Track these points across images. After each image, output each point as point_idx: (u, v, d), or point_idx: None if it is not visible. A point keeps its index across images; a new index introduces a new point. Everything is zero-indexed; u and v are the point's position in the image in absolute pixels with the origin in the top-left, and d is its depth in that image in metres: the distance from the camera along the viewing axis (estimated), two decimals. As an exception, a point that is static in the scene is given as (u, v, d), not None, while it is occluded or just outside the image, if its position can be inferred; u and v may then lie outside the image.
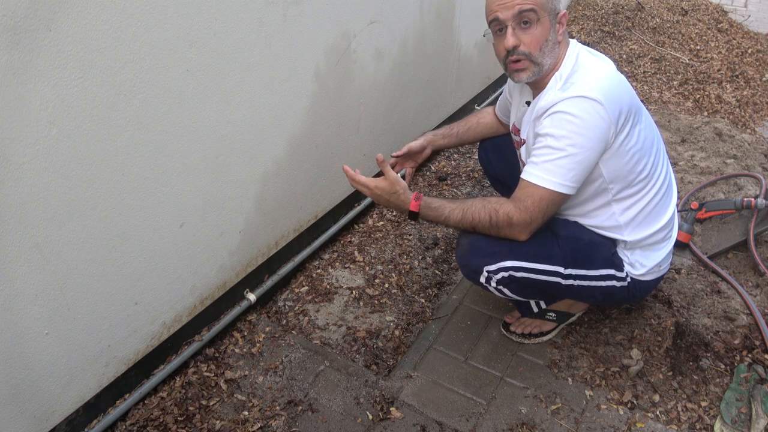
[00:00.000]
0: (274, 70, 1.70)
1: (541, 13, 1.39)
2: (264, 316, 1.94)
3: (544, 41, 1.41)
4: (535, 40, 1.41)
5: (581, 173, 1.40)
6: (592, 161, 1.40)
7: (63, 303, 1.34)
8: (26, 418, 1.35)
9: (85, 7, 1.16)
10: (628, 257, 1.59)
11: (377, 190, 1.55)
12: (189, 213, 1.60)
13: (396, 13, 2.22)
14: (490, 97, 3.36)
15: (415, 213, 1.53)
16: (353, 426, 1.57)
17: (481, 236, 1.53)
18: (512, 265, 1.52)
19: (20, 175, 1.16)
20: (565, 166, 1.38)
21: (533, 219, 1.44)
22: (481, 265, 1.54)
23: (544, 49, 1.42)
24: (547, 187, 1.40)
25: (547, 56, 1.43)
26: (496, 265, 1.52)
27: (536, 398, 1.65)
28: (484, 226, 1.49)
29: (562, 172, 1.38)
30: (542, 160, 1.40)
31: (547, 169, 1.39)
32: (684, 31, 4.12)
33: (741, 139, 2.89)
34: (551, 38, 1.42)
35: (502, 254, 1.52)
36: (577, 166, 1.38)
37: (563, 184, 1.39)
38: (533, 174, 1.41)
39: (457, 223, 1.53)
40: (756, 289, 2.01)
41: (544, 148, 1.40)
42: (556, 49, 1.45)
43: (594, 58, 1.47)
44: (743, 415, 1.57)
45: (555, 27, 1.43)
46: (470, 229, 1.53)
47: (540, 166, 1.40)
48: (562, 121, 1.36)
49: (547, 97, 1.43)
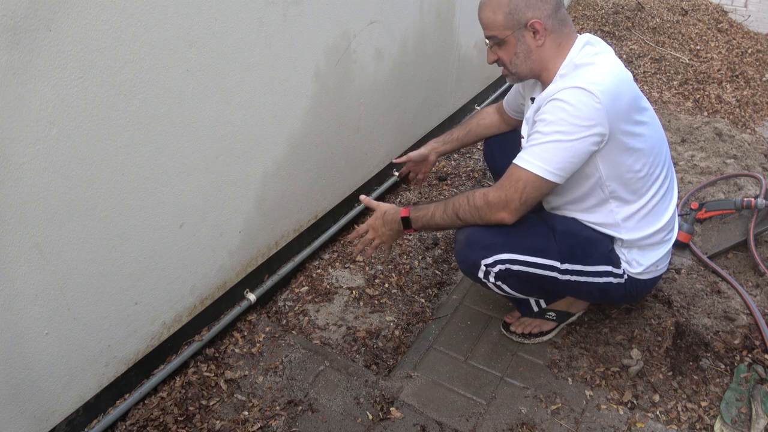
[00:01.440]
0: (274, 70, 1.70)
1: (503, 33, 1.48)
2: (264, 316, 1.94)
3: (513, 55, 1.51)
4: (505, 55, 1.53)
5: (568, 161, 1.40)
6: (581, 151, 1.40)
7: (63, 303, 1.34)
8: (26, 418, 1.35)
9: (85, 7, 1.16)
10: (625, 255, 1.60)
11: (373, 221, 1.70)
12: (189, 213, 1.60)
13: (396, 13, 2.22)
14: (490, 97, 3.36)
15: (407, 217, 1.61)
16: (353, 426, 1.57)
17: (477, 230, 1.55)
18: (508, 257, 1.53)
19: (20, 175, 1.16)
20: (550, 151, 1.39)
21: (508, 197, 1.45)
22: (477, 258, 1.55)
23: (515, 62, 1.52)
24: (528, 169, 1.42)
25: (522, 65, 1.52)
26: (492, 258, 1.53)
27: (536, 398, 1.65)
28: (464, 209, 1.53)
29: (546, 157, 1.40)
30: (530, 144, 1.43)
31: (533, 152, 1.42)
32: (684, 31, 4.12)
33: (741, 139, 2.89)
34: (520, 50, 1.49)
35: (498, 246, 1.53)
36: (563, 153, 1.39)
37: (545, 168, 1.40)
38: (519, 157, 1.45)
39: (442, 216, 1.57)
40: (756, 289, 2.01)
41: (535, 133, 1.43)
42: (532, 56, 1.49)
43: (600, 55, 1.46)
44: (743, 415, 1.57)
45: (523, 38, 1.47)
46: (454, 217, 1.56)
47: (527, 149, 1.44)
48: (555, 108, 1.39)
49: (549, 89, 1.46)
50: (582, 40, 1.49)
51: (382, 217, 1.67)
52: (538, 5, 1.43)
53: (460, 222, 1.56)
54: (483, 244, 1.54)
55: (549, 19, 1.45)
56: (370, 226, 1.71)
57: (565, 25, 1.48)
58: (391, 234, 1.68)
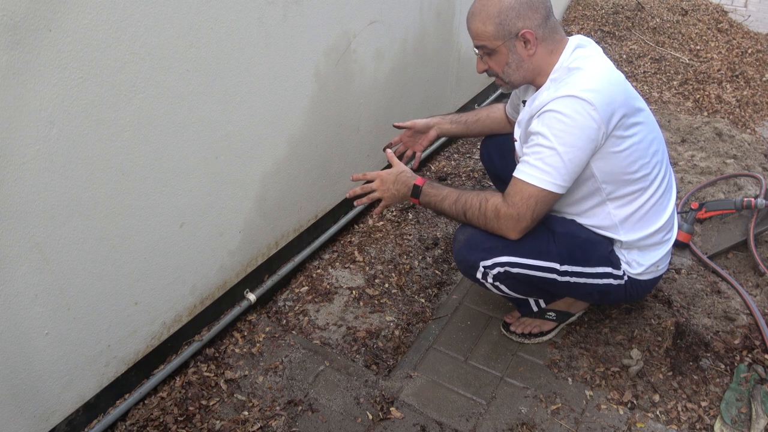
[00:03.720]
0: (274, 70, 1.70)
1: (494, 44, 1.47)
2: (264, 316, 1.94)
3: (505, 65, 1.51)
4: (496, 65, 1.53)
5: (571, 172, 1.41)
6: (582, 160, 1.41)
7: (63, 303, 1.34)
8: (26, 417, 1.36)
9: (85, 7, 1.16)
10: (625, 256, 1.60)
11: (385, 174, 1.66)
12: (189, 213, 1.60)
13: (396, 13, 2.22)
14: (490, 97, 3.36)
15: (419, 187, 1.61)
16: (353, 426, 1.57)
17: (477, 232, 1.55)
18: (508, 260, 1.53)
19: (20, 175, 1.16)
20: (555, 165, 1.39)
21: (521, 215, 1.45)
22: (477, 260, 1.55)
23: (507, 71, 1.52)
24: (536, 184, 1.42)
25: (514, 74, 1.52)
26: (491, 260, 1.53)
27: (536, 398, 1.65)
28: (473, 212, 1.52)
29: (552, 171, 1.40)
30: (533, 159, 1.42)
31: (538, 167, 1.41)
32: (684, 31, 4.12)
33: (741, 139, 2.89)
34: (512, 60, 1.49)
35: (498, 249, 1.53)
36: (567, 164, 1.39)
37: (553, 182, 1.41)
38: (524, 172, 1.44)
39: (450, 206, 1.56)
40: (756, 289, 2.01)
41: (535, 146, 1.42)
42: (524, 65, 1.49)
43: (590, 58, 1.47)
44: (743, 415, 1.57)
45: (514, 48, 1.47)
46: (461, 214, 1.55)
47: (531, 164, 1.43)
48: (552, 120, 1.38)
49: (541, 97, 1.45)
50: (573, 43, 1.50)
51: (396, 175, 1.64)
52: (529, 15, 1.43)
53: (464, 220, 1.56)
54: (483, 247, 1.54)
55: (539, 28, 1.45)
56: (379, 177, 1.67)
57: (556, 32, 1.49)
58: (395, 194, 1.66)
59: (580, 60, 1.45)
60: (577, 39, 1.51)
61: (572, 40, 1.51)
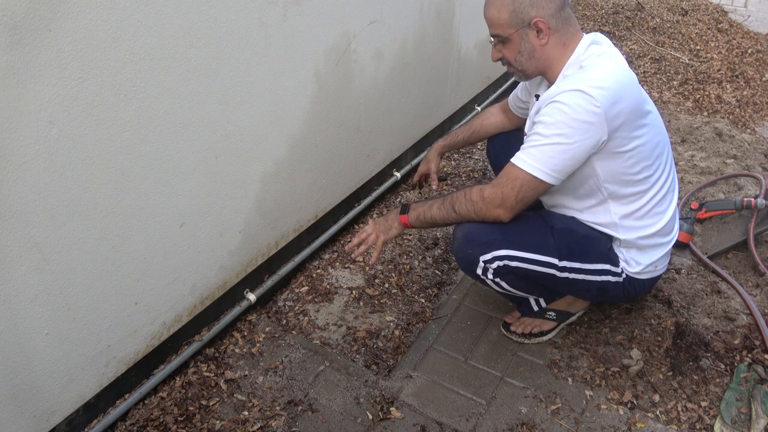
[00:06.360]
0: (274, 70, 1.70)
1: (507, 31, 1.49)
2: (264, 316, 1.94)
3: (517, 53, 1.52)
4: (509, 54, 1.54)
5: (565, 164, 1.42)
6: (579, 154, 1.41)
7: (63, 303, 1.34)
8: (26, 417, 1.36)
9: (85, 7, 1.16)
10: (623, 254, 1.60)
11: (372, 222, 1.72)
12: (189, 213, 1.60)
13: (396, 13, 2.22)
14: (490, 97, 3.36)
15: (407, 205, 1.66)
16: (353, 426, 1.57)
17: (475, 226, 1.56)
18: (507, 254, 1.53)
19: (20, 175, 1.16)
20: (547, 153, 1.41)
21: (504, 195, 1.46)
22: (476, 255, 1.55)
23: (519, 59, 1.53)
24: (525, 169, 1.43)
25: (526, 63, 1.53)
26: (490, 254, 1.54)
27: (536, 398, 1.65)
28: (461, 202, 1.55)
29: (544, 159, 1.41)
30: (528, 145, 1.45)
31: (531, 153, 1.43)
32: (684, 31, 4.12)
33: (741, 139, 2.89)
34: (524, 48, 1.50)
35: (497, 243, 1.54)
36: (560, 155, 1.40)
37: (542, 170, 1.42)
38: (517, 157, 1.46)
39: (440, 208, 1.59)
40: (756, 289, 2.01)
41: (533, 134, 1.45)
42: (536, 54, 1.50)
43: (604, 56, 1.47)
44: (743, 415, 1.57)
45: (527, 37, 1.48)
46: (451, 211, 1.57)
47: (525, 150, 1.45)
48: (555, 110, 1.40)
49: (551, 91, 1.46)
50: (588, 39, 1.50)
51: (381, 217, 1.70)
52: (542, 4, 1.43)
53: (455, 215, 1.57)
54: (482, 241, 1.54)
55: (553, 18, 1.45)
56: (371, 227, 1.72)
57: (570, 24, 1.49)
58: (385, 224, 1.70)
59: (594, 57, 1.46)
60: (593, 36, 1.51)
61: (587, 37, 1.51)
